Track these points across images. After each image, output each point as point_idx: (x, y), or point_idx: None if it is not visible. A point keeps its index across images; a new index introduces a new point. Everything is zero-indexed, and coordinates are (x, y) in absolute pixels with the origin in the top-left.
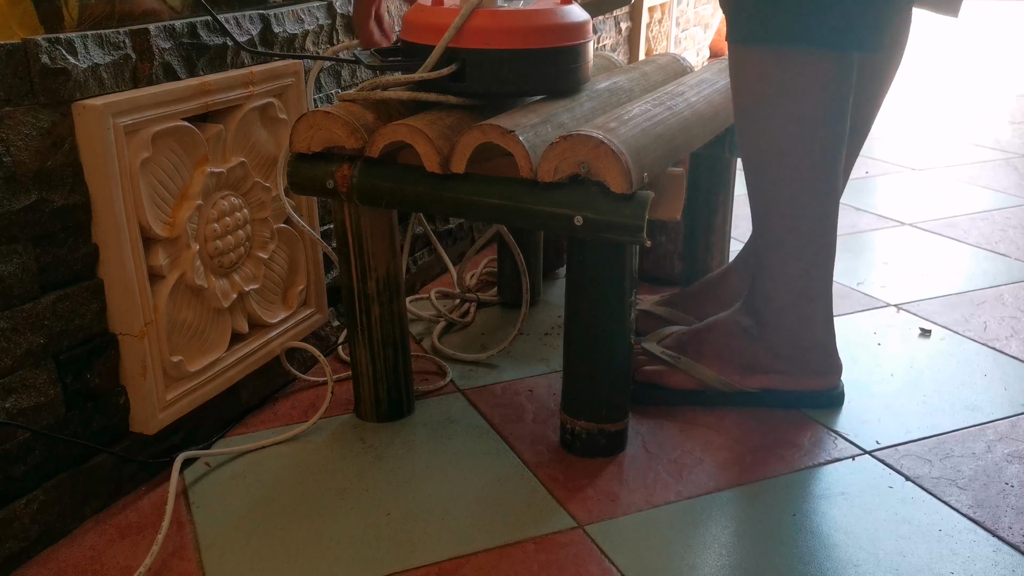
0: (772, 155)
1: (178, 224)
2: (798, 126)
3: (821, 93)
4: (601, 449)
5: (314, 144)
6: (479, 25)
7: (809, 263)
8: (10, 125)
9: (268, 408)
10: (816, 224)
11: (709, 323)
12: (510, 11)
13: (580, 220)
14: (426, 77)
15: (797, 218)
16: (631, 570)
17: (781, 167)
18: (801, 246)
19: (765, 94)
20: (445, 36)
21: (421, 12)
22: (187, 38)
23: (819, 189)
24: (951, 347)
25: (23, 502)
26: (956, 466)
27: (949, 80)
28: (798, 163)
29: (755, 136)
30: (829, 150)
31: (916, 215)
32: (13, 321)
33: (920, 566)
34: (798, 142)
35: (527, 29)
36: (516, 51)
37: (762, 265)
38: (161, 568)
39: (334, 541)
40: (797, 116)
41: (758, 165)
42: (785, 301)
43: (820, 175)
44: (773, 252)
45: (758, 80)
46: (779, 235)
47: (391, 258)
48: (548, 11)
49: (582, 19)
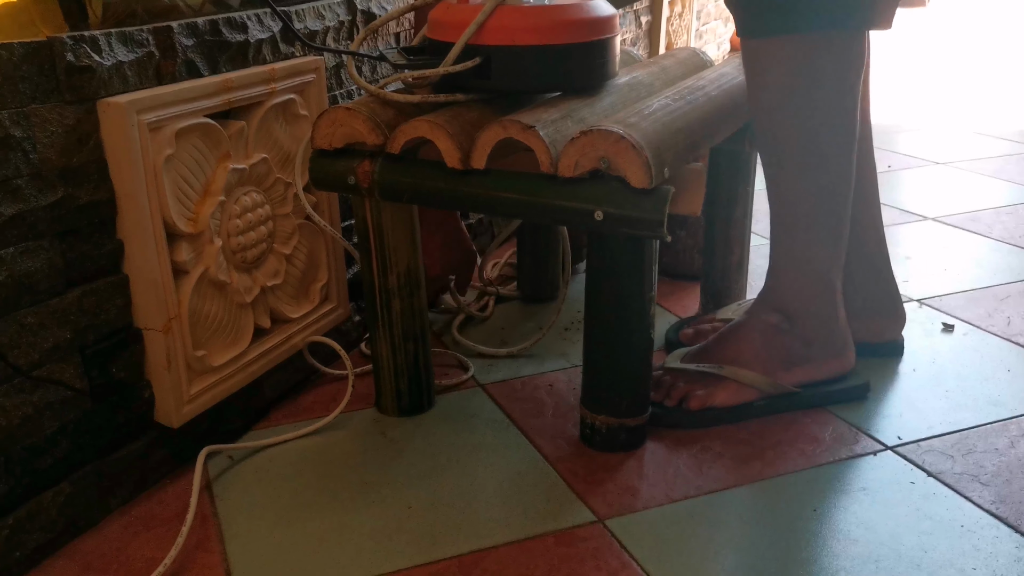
0: (799, 144)
1: (201, 220)
2: (824, 112)
3: (844, 76)
4: (621, 444)
5: (335, 140)
6: (504, 21)
7: (832, 248)
8: (36, 122)
9: (291, 402)
10: (842, 208)
11: (731, 330)
12: (536, 7)
13: (600, 215)
14: (449, 71)
15: (824, 205)
16: (651, 564)
17: (808, 155)
18: (827, 232)
19: (788, 84)
20: (467, 30)
21: (446, 10)
22: (210, 35)
23: (845, 173)
24: (974, 342)
25: (50, 494)
26: (979, 462)
27: (973, 73)
28: (826, 149)
29: (780, 128)
30: (852, 132)
31: (939, 209)
32: (40, 316)
33: (942, 562)
34: (825, 128)
35: (553, 24)
36: (542, 47)
37: (786, 257)
38: (185, 560)
39: (356, 534)
40: (822, 102)
41: (784, 157)
42: (815, 289)
43: (845, 159)
44: (800, 242)
45: (779, 71)
46: (806, 224)
47: (412, 253)
48: (575, 6)
49: (608, 13)
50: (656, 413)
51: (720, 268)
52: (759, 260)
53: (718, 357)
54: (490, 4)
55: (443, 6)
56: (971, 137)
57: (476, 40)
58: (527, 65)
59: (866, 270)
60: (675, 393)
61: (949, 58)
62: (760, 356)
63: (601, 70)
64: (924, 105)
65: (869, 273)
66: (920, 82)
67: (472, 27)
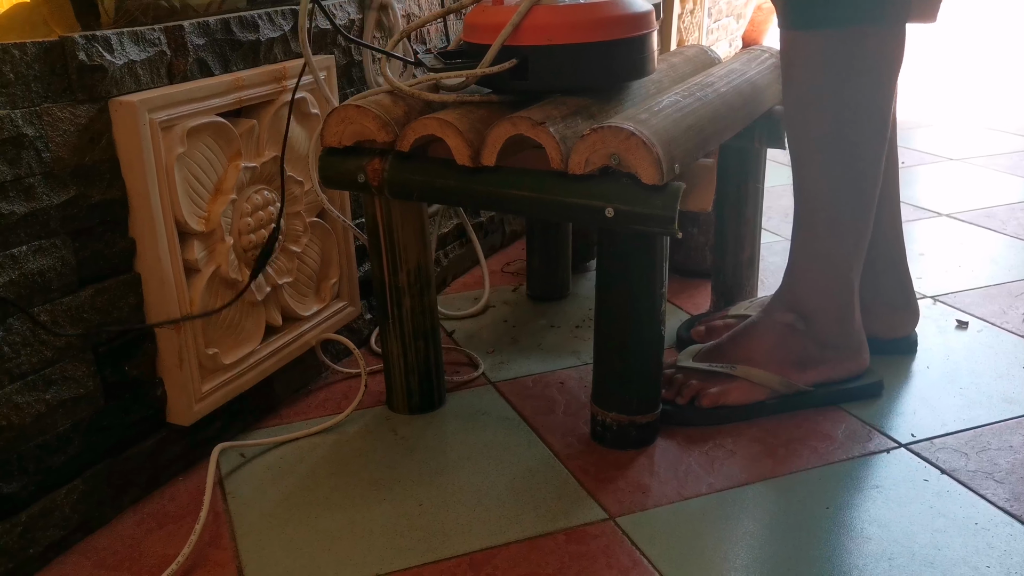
0: (831, 139)
1: (213, 218)
2: (859, 108)
3: (882, 71)
4: (632, 441)
5: (345, 138)
6: (540, 20)
7: (854, 247)
8: (49, 121)
9: (302, 400)
10: (869, 207)
11: (745, 329)
12: (571, 6)
13: (611, 212)
14: (486, 72)
15: (851, 203)
16: (662, 562)
17: (840, 151)
18: (851, 231)
19: (825, 77)
20: (504, 31)
21: (482, 12)
22: (221, 34)
23: (874, 170)
24: (988, 339)
25: (63, 491)
26: (993, 459)
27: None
28: (857, 145)
29: (813, 122)
30: (884, 129)
31: (953, 205)
32: (53, 314)
33: (955, 560)
34: (858, 124)
35: (591, 22)
36: (579, 45)
37: (807, 254)
38: (198, 557)
39: (367, 531)
40: (859, 97)
41: (814, 152)
42: (833, 288)
43: (876, 156)
44: (823, 239)
45: (817, 64)
46: (831, 222)
47: (422, 250)
48: (611, 3)
49: (645, 9)
50: (667, 411)
51: (731, 265)
52: (772, 257)
53: (731, 355)
54: (525, 4)
55: (479, 9)
56: (985, 133)
57: (513, 41)
58: (564, 64)
59: (883, 264)
60: (687, 391)
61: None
62: (774, 356)
63: (639, 66)
64: (938, 101)
65: (885, 267)
66: (934, 78)
67: (508, 28)
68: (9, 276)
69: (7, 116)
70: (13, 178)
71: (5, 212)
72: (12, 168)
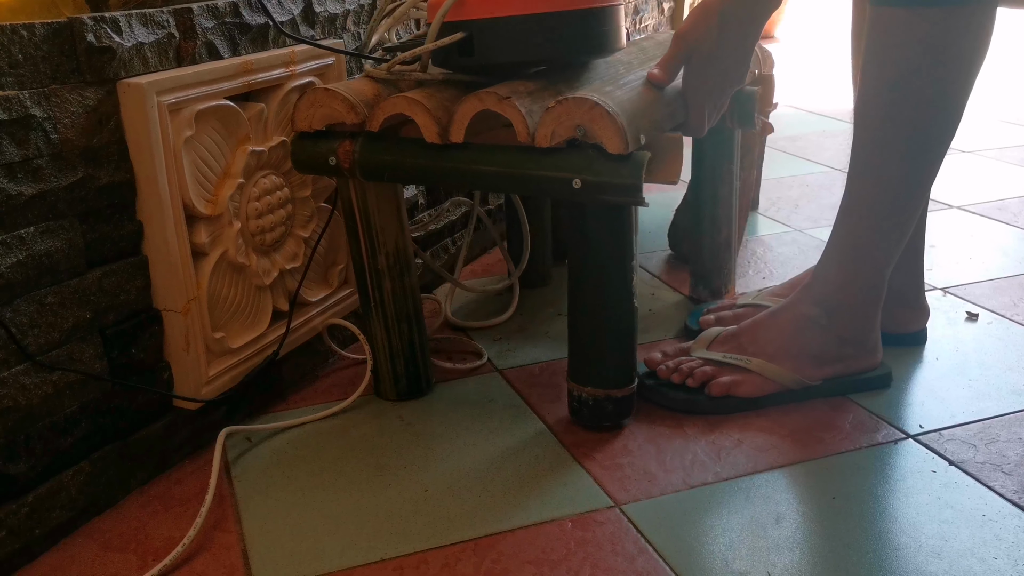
0: (917, 128)
1: (220, 202)
2: (953, 96)
3: (978, 55)
4: (608, 415)
5: (315, 122)
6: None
7: (896, 244)
8: (57, 103)
9: (309, 385)
10: (920, 202)
11: (765, 319)
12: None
13: (579, 183)
14: (427, 49)
15: (907, 196)
16: (668, 550)
17: (921, 142)
18: (897, 227)
19: (928, 59)
20: (444, 5)
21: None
22: (230, 17)
23: (936, 163)
24: (998, 331)
25: (70, 473)
26: (1001, 451)
27: (1001, 59)
28: (938, 137)
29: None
30: (958, 118)
31: (965, 198)
32: (61, 296)
33: (963, 551)
34: (953, 107)
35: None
36: (526, 17)
37: (847, 247)
38: (204, 540)
39: (372, 516)
40: (954, 83)
41: (898, 141)
42: (865, 284)
43: (945, 151)
44: (867, 232)
45: (911, 43)
46: (882, 214)
47: (399, 232)
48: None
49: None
50: (677, 396)
51: (708, 248)
52: (781, 248)
53: (748, 346)
54: None
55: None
56: (998, 125)
57: (457, 16)
58: (512, 37)
59: (901, 260)
60: (699, 374)
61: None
62: (791, 350)
63: (599, 42)
64: None
65: (901, 263)
66: None
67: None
68: (16, 257)
69: (15, 97)
70: (21, 159)
71: (13, 193)
72: (20, 149)
